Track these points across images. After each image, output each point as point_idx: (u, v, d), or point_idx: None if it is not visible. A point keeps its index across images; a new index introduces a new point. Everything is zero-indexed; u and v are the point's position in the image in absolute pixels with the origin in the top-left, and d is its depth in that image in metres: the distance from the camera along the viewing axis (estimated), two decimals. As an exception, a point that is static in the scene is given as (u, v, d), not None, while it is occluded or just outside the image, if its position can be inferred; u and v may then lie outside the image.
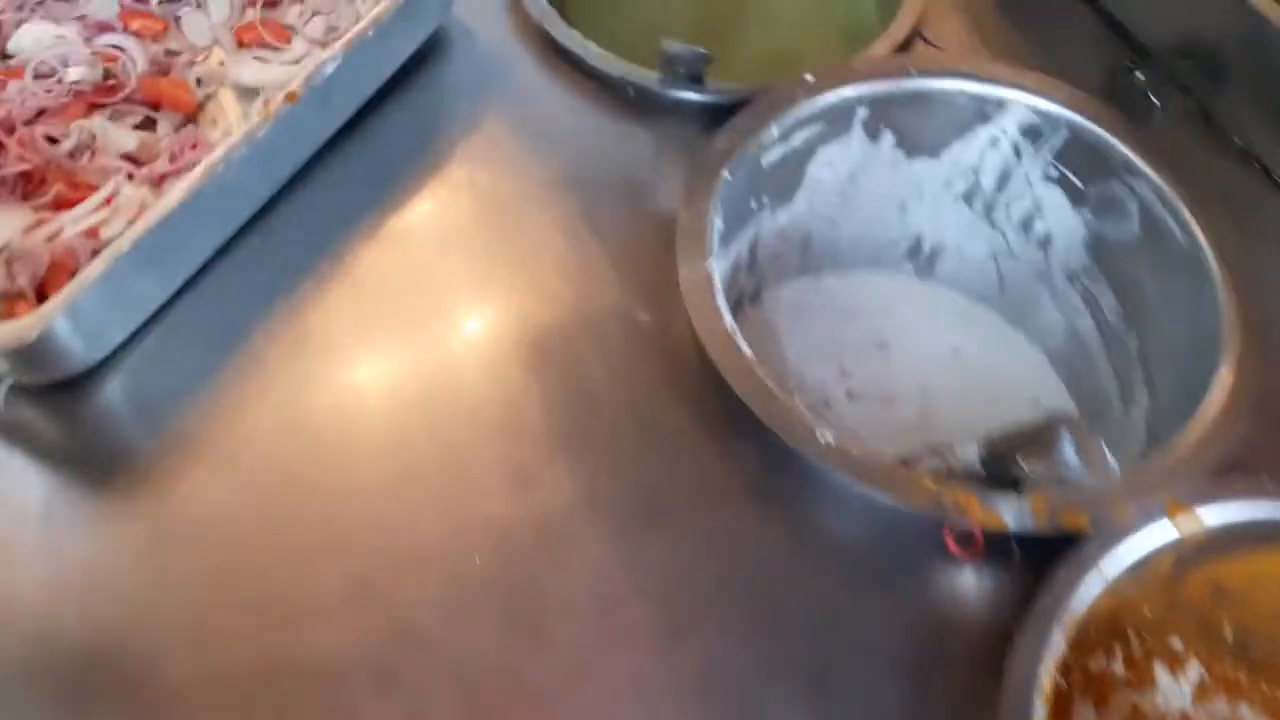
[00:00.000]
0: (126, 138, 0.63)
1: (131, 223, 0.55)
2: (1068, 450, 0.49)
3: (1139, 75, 0.73)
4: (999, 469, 0.54)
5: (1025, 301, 0.78)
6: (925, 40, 0.76)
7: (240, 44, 0.71)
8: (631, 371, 0.60)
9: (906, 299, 0.82)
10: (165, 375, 0.58)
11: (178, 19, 0.72)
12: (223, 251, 0.62)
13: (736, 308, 0.78)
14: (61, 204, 0.59)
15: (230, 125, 0.66)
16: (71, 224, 0.56)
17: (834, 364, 0.78)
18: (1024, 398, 0.76)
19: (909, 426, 0.76)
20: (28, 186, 0.60)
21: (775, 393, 0.55)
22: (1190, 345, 0.64)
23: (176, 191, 0.54)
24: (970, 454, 0.57)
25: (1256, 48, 0.70)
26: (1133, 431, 0.69)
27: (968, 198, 0.76)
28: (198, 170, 0.55)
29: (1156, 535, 0.53)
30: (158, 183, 0.60)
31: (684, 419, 0.58)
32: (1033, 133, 0.70)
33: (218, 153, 0.56)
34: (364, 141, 0.68)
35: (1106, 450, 0.49)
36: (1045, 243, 0.74)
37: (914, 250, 0.81)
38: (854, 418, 0.76)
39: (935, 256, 0.81)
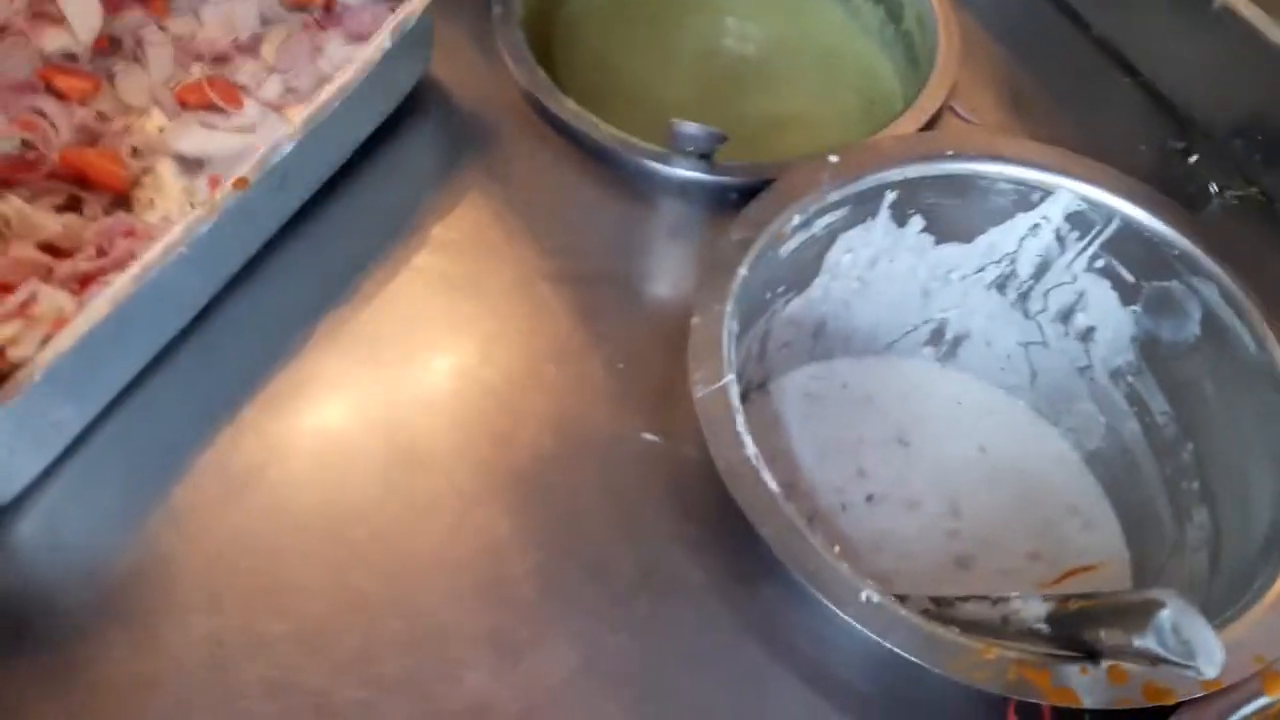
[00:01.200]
0: (47, 222, 0.54)
1: (47, 339, 0.46)
2: (1166, 634, 0.42)
3: (1192, 158, 0.66)
4: (1071, 635, 0.47)
5: (1060, 396, 0.70)
6: (957, 114, 0.69)
7: (183, 106, 0.62)
8: (637, 508, 0.51)
9: (927, 388, 0.75)
10: (88, 516, 0.49)
11: (111, 76, 0.62)
12: (156, 363, 0.52)
13: (744, 397, 0.70)
14: (-37, 309, 0.49)
15: (169, 206, 0.57)
16: (-26, 338, 0.47)
17: (851, 463, 0.71)
18: (1061, 504, 0.69)
19: (935, 535, 0.69)
20: (-75, 285, 0.50)
21: (808, 537, 0.47)
22: (1259, 462, 0.57)
23: (100, 304, 0.45)
24: (1034, 610, 0.49)
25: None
26: (1189, 552, 0.62)
27: (1000, 285, 0.69)
28: (125, 278, 0.46)
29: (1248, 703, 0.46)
30: (81, 284, 0.50)
31: (700, 568, 0.50)
32: (1080, 221, 0.63)
33: (151, 254, 0.47)
34: (323, 226, 0.59)
35: (1211, 633, 0.41)
36: (1086, 336, 0.67)
37: (936, 336, 0.74)
38: (875, 524, 0.68)
39: (959, 343, 0.73)
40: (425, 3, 0.58)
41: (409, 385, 0.55)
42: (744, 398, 0.72)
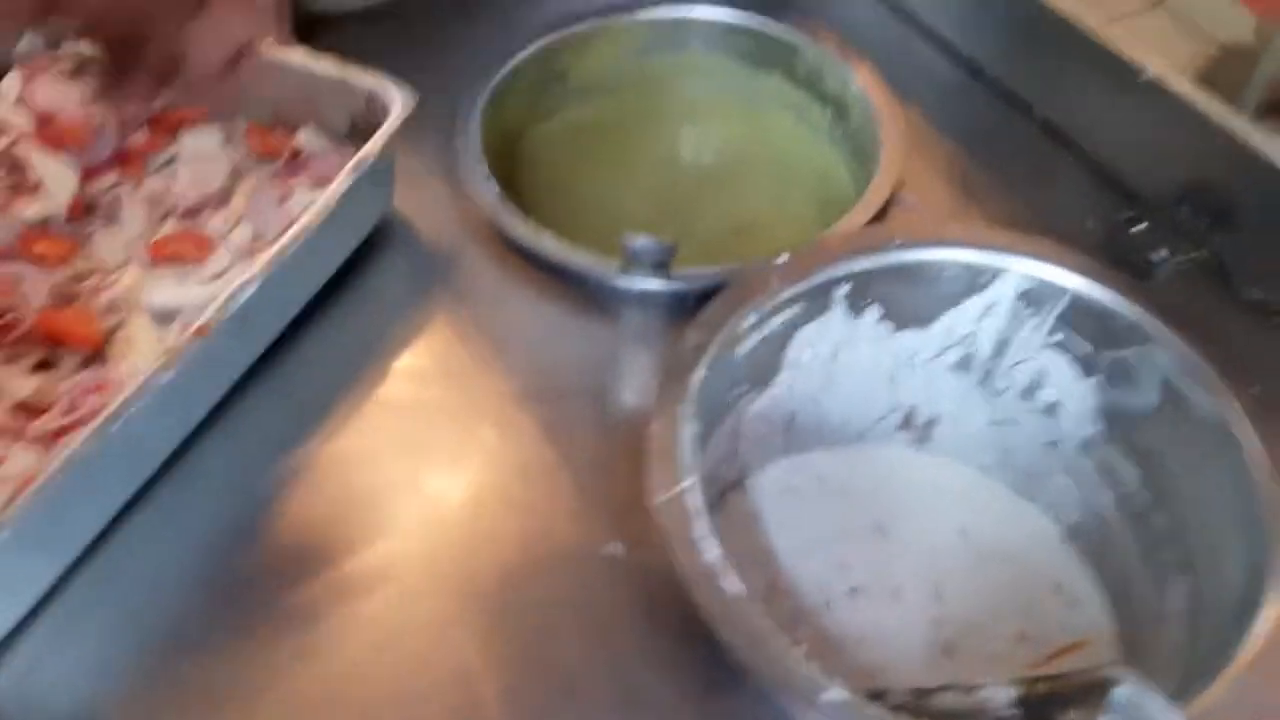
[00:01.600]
0: (21, 384, 0.56)
1: (16, 496, 0.47)
2: (1124, 711, 0.41)
3: (1139, 228, 0.67)
4: (1042, 717, 0.46)
5: (1035, 473, 0.70)
6: (905, 204, 0.71)
7: (157, 261, 0.65)
8: (606, 623, 0.52)
9: (904, 474, 0.75)
10: (61, 674, 0.49)
11: (87, 237, 0.66)
12: (129, 509, 0.54)
13: (720, 499, 0.70)
14: (-61, 473, 0.51)
15: (142, 359, 0.59)
16: (-54, 501, 0.48)
17: (833, 556, 0.70)
18: (1044, 582, 0.68)
19: (920, 624, 0.68)
20: (-99, 451, 0.52)
21: (770, 640, 0.47)
22: (1228, 527, 0.57)
23: (63, 459, 0.47)
24: (1002, 696, 0.49)
25: (1262, 190, 0.65)
26: (1171, 621, 0.61)
27: (963, 365, 0.70)
28: (87, 432, 0.47)
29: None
30: (52, 440, 0.52)
31: (671, 681, 0.50)
32: (1032, 299, 0.64)
33: (112, 407, 0.49)
34: (291, 362, 0.61)
35: (1167, 708, 0.41)
36: (1052, 411, 0.68)
37: (907, 421, 0.74)
38: (859, 617, 0.68)
39: (931, 426, 0.74)
40: (382, 145, 0.61)
41: (378, 514, 0.56)
42: (720, 498, 0.72)
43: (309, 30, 0.83)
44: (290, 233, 0.58)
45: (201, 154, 0.70)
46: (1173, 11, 2.24)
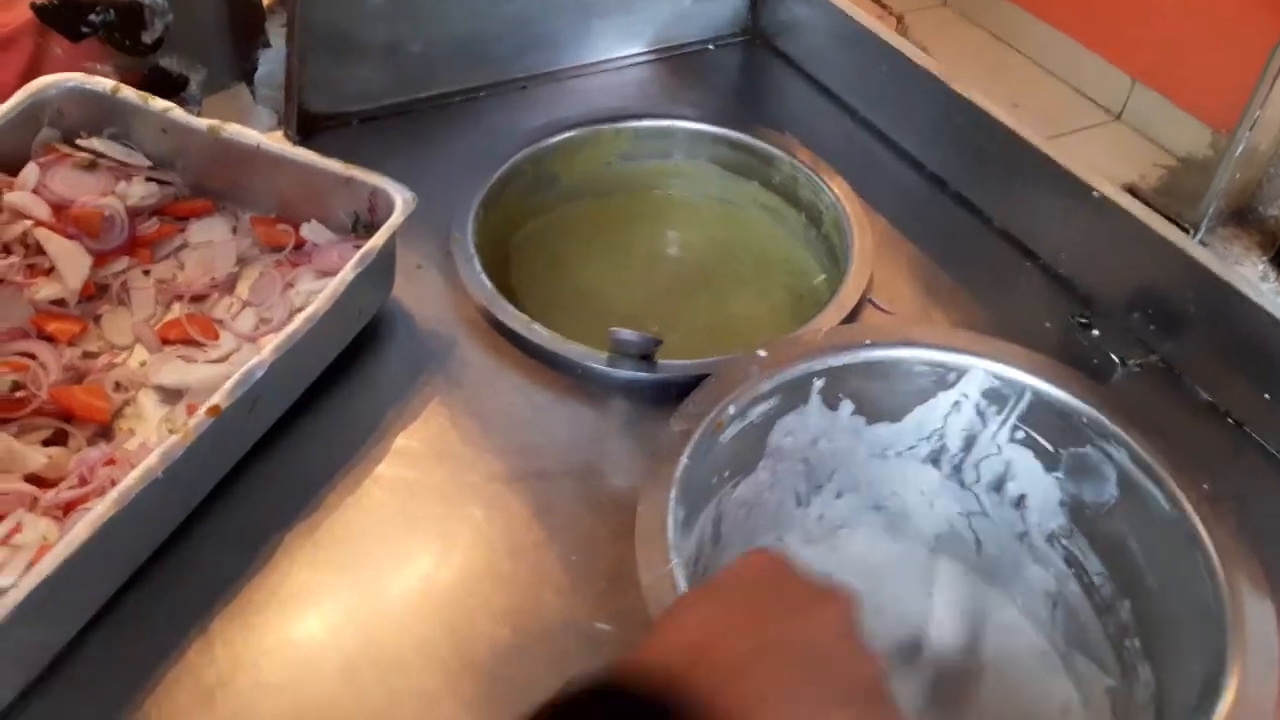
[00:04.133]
0: (33, 456, 0.58)
1: (32, 566, 0.49)
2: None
3: (1094, 331, 0.72)
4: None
5: (1005, 564, 0.73)
6: (876, 306, 0.75)
7: (164, 342, 0.68)
8: (595, 696, 0.53)
9: (880, 560, 0.78)
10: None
11: (98, 318, 0.68)
12: (132, 580, 0.55)
13: (702, 579, 0.73)
14: (-47, 541, 0.53)
15: (149, 435, 0.61)
16: (-37, 567, 0.50)
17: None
18: (1016, 669, 0.71)
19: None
20: (-83, 522, 0.54)
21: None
22: (1188, 616, 0.60)
23: (80, 529, 0.49)
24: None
25: (1207, 301, 0.69)
26: (1138, 710, 0.63)
27: (934, 459, 0.73)
28: (105, 503, 0.49)
29: None
30: (64, 511, 0.54)
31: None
32: (995, 397, 0.68)
33: (128, 481, 0.51)
34: (293, 442, 0.64)
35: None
36: (1019, 503, 0.71)
37: (880, 508, 0.77)
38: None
39: (906, 516, 0.77)
40: (385, 240, 0.65)
41: (373, 589, 0.58)
42: (703, 577, 0.74)
43: (312, 126, 0.88)
44: (298, 320, 0.61)
45: (209, 243, 0.74)
46: (1132, 123, 2.37)
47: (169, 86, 1.20)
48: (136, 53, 1.15)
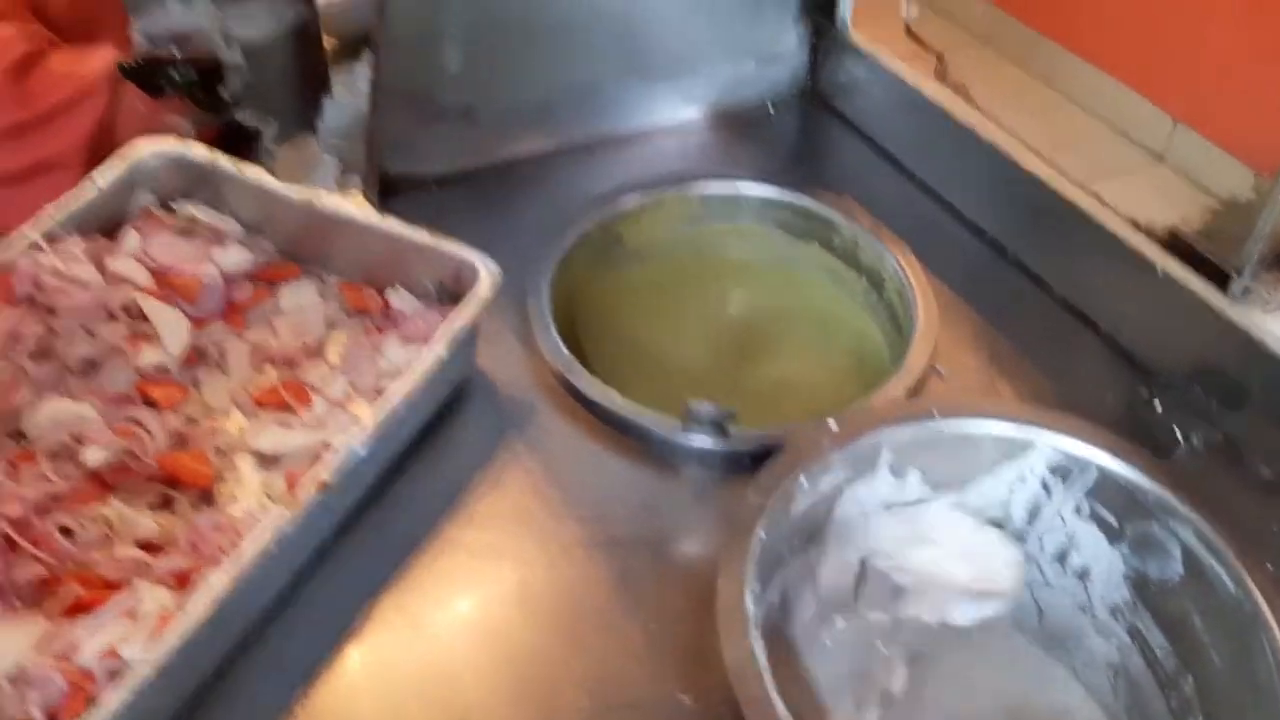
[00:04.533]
0: (144, 523, 0.61)
1: (154, 636, 0.52)
2: None
3: (1156, 405, 0.74)
4: None
5: (1067, 634, 0.75)
6: (940, 374, 0.77)
7: (260, 407, 0.71)
8: (681, 771, 0.56)
9: (940, 629, 0.79)
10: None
11: (197, 383, 0.71)
12: (238, 648, 0.58)
13: (769, 647, 0.74)
14: (76, 607, 0.56)
15: (249, 499, 0.64)
16: (88, 637, 0.53)
17: (871, 699, 0.74)
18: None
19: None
20: (39, 587, 0.57)
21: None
22: (1250, 695, 0.61)
23: (201, 604, 0.51)
24: None
25: (1267, 376, 0.71)
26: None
27: (998, 529, 0.75)
28: (223, 578, 0.52)
29: None
30: (179, 580, 0.57)
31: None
32: (1061, 471, 0.70)
33: (245, 554, 0.54)
34: (382, 509, 0.67)
35: None
36: (1083, 575, 0.73)
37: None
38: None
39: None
40: (474, 315, 0.68)
41: (459, 654, 0.60)
42: (769, 647, 0.76)
43: (391, 189, 0.92)
44: (396, 394, 0.63)
45: (299, 307, 0.77)
46: (1174, 165, 2.38)
47: (243, 140, 1.24)
48: (214, 109, 1.19)
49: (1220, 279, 0.75)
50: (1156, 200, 2.21)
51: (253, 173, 0.77)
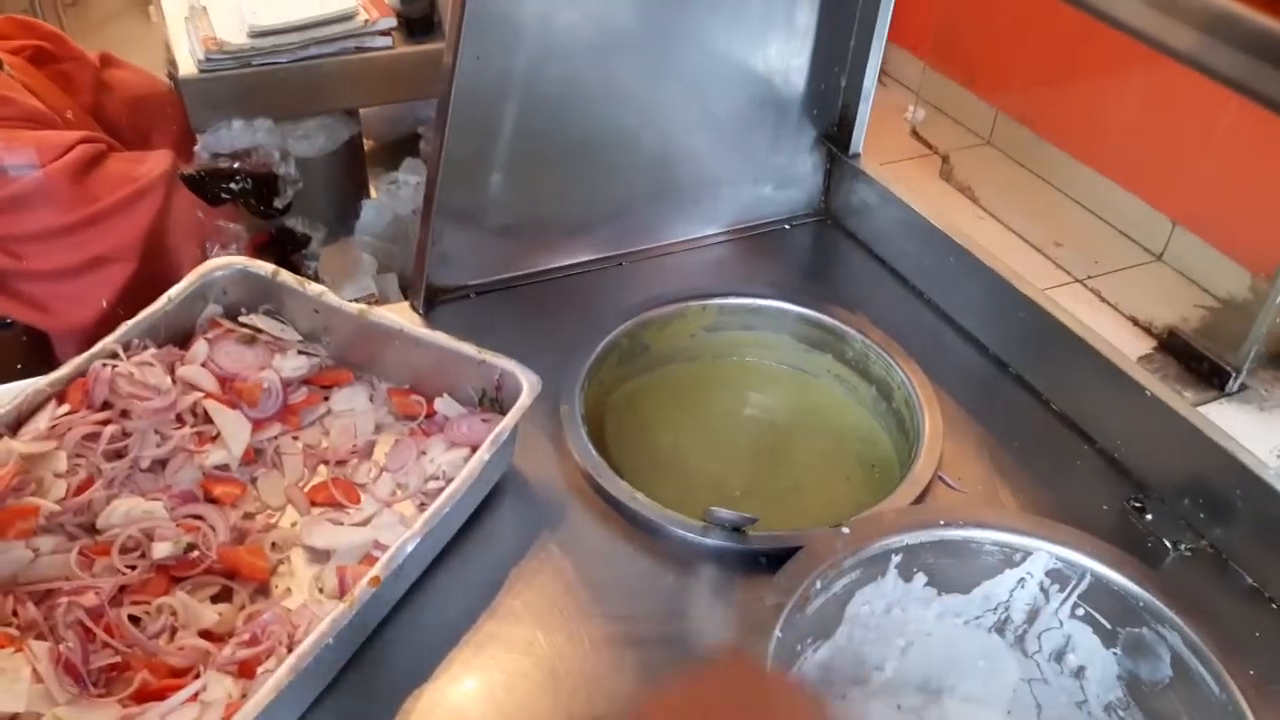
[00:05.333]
0: (206, 613, 0.66)
1: (224, 721, 0.57)
2: None
3: (1148, 516, 0.79)
4: None
5: (1066, 730, 0.79)
6: (945, 482, 0.83)
7: (313, 504, 0.76)
8: None
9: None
10: None
11: (254, 480, 0.77)
12: (294, 733, 0.63)
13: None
14: (145, 694, 0.60)
15: (302, 592, 0.69)
16: (161, 722, 0.58)
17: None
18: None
19: None
20: (109, 673, 0.62)
21: None
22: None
23: (266, 693, 0.56)
24: None
25: (1251, 493, 0.76)
26: None
27: (999, 628, 0.80)
28: (285, 669, 0.57)
29: None
30: (240, 668, 0.62)
31: None
32: (1058, 576, 0.75)
33: (304, 646, 0.59)
34: (423, 600, 0.72)
35: None
36: (1079, 674, 0.77)
37: (947, 672, 0.83)
38: None
39: (970, 680, 0.83)
40: (515, 421, 0.74)
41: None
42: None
43: (435, 298, 0.98)
44: (442, 497, 0.69)
45: (350, 411, 0.83)
46: (1173, 264, 2.45)
47: (293, 244, 1.33)
48: (267, 216, 1.28)
49: (1219, 376, 0.80)
50: (1155, 298, 2.27)
51: (314, 289, 0.84)
